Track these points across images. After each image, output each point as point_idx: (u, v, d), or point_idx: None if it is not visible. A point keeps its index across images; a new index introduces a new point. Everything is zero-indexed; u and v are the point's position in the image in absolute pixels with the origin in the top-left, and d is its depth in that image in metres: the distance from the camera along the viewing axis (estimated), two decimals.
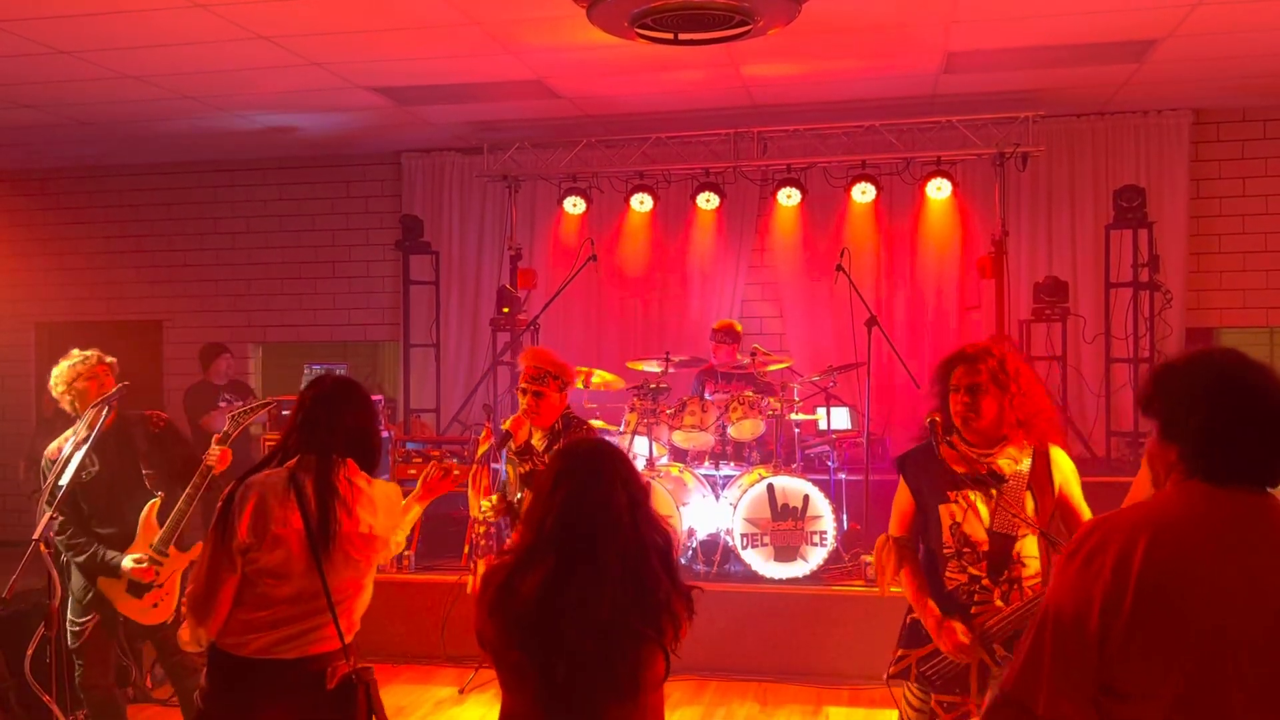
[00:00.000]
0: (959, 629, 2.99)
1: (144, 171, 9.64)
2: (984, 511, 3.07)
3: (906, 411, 7.55)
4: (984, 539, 3.06)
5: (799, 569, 6.14)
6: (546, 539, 2.27)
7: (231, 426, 4.05)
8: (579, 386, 6.62)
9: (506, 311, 8.17)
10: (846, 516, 6.57)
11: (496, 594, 2.28)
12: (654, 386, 6.72)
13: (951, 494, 3.12)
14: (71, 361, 4.25)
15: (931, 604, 3.08)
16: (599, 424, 6.85)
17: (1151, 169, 7.94)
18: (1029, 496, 3.07)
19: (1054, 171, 8.10)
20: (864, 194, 7.74)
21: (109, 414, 4.06)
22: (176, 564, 4.16)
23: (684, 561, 6.21)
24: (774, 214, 8.27)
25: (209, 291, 9.61)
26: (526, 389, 4.54)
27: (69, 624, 4.18)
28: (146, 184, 9.67)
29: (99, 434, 4.04)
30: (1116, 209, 7.61)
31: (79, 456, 4.03)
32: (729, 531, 6.28)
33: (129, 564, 4.06)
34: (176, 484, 4.12)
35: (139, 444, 4.26)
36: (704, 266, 8.57)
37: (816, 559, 6.13)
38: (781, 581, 6.12)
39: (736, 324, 7.32)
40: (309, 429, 2.93)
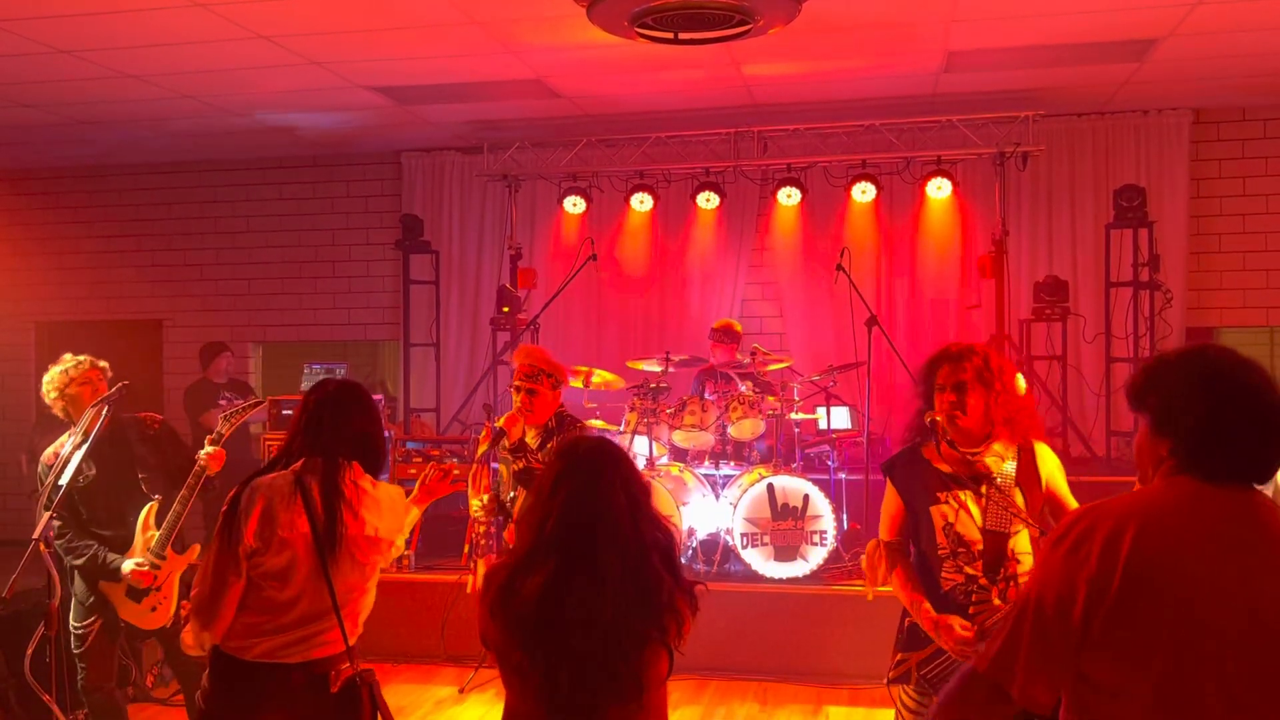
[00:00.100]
0: (957, 623, 2.98)
1: (144, 171, 9.63)
2: (975, 511, 3.08)
3: (907, 411, 7.53)
4: (978, 538, 3.06)
5: (799, 568, 6.15)
6: (547, 540, 2.27)
7: (224, 426, 4.03)
8: (579, 386, 6.62)
9: (506, 311, 8.17)
10: (846, 516, 6.57)
11: (498, 595, 2.28)
12: (654, 386, 6.71)
13: (942, 495, 3.12)
14: (64, 367, 4.23)
15: (926, 604, 3.07)
16: (599, 424, 6.85)
17: (1152, 168, 7.94)
18: (1018, 492, 3.08)
19: (1054, 171, 8.10)
20: (864, 193, 7.74)
21: (108, 413, 4.05)
22: (174, 566, 4.14)
23: (684, 561, 6.20)
24: (774, 213, 8.27)
25: (209, 291, 9.61)
26: (520, 386, 4.56)
27: (72, 628, 4.17)
28: (146, 183, 9.67)
29: (95, 438, 4.02)
30: (1117, 208, 7.61)
31: (78, 456, 4.02)
32: (729, 531, 6.28)
33: (129, 567, 4.05)
34: (174, 486, 4.11)
35: (135, 447, 4.24)
36: (704, 266, 8.56)
37: (816, 559, 6.13)
38: (781, 581, 6.13)
39: (735, 323, 7.32)
40: (313, 432, 2.92)
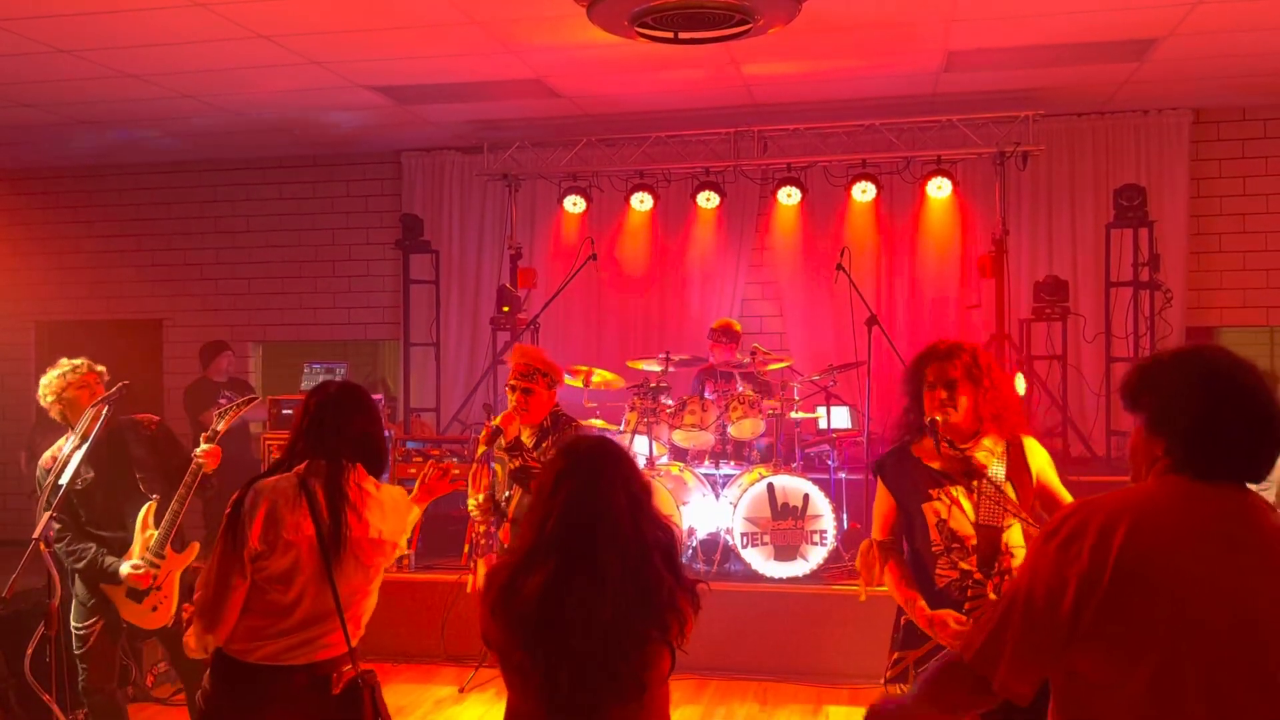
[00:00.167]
0: (952, 619, 2.98)
1: (144, 171, 9.63)
2: (968, 506, 3.09)
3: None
4: (971, 533, 3.07)
5: (799, 568, 6.15)
6: (548, 539, 2.27)
7: (218, 423, 4.03)
8: (579, 385, 6.62)
9: (506, 310, 8.16)
10: (846, 515, 6.57)
11: (500, 594, 2.28)
12: (654, 385, 6.71)
13: (934, 492, 3.14)
14: (60, 371, 4.22)
15: (921, 601, 3.07)
16: (599, 423, 6.86)
17: (1152, 168, 7.93)
18: (1008, 487, 3.10)
19: (1054, 170, 8.10)
20: (864, 193, 7.74)
21: (108, 412, 4.05)
22: (173, 565, 4.14)
23: (684, 561, 6.20)
24: (774, 213, 8.26)
25: (209, 290, 9.61)
26: (516, 386, 4.56)
27: (74, 629, 4.16)
28: (146, 183, 9.66)
29: (94, 440, 4.01)
30: (1117, 208, 7.60)
31: (79, 456, 4.02)
32: (729, 531, 6.28)
33: (127, 569, 4.04)
34: (172, 486, 4.09)
35: (132, 449, 4.23)
36: (704, 265, 8.56)
37: (817, 558, 6.13)
38: (782, 581, 6.13)
39: (735, 323, 7.31)
40: (315, 434, 2.92)
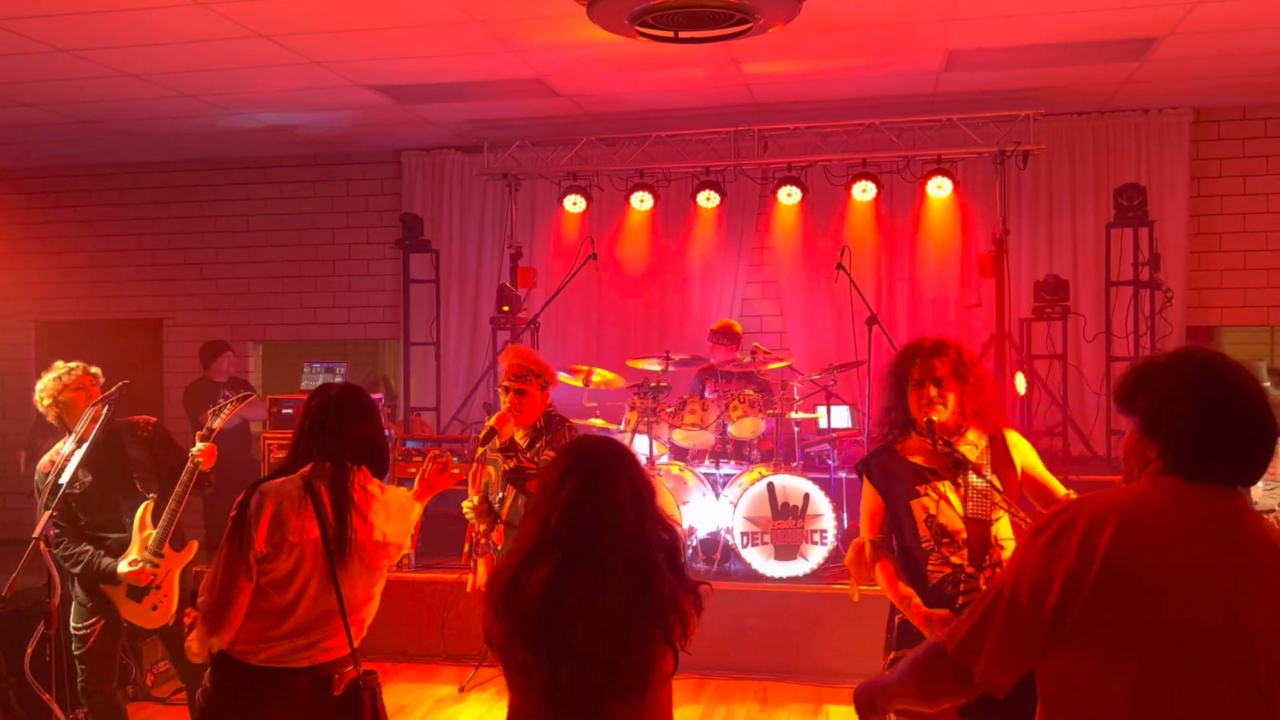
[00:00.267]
0: (947, 616, 2.97)
1: (144, 170, 9.62)
2: (956, 500, 3.10)
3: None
4: (961, 527, 3.08)
5: (799, 567, 6.15)
6: (551, 537, 2.26)
7: (214, 421, 4.04)
8: (579, 385, 6.62)
9: (506, 310, 8.16)
10: (847, 515, 6.55)
11: (502, 593, 2.27)
12: (654, 385, 6.71)
13: (921, 488, 3.14)
14: (56, 374, 4.22)
15: (916, 599, 3.05)
16: (599, 423, 6.85)
17: (1152, 167, 7.93)
18: (995, 480, 3.11)
19: (1054, 170, 8.09)
20: (864, 192, 7.73)
21: (108, 412, 4.05)
22: (173, 563, 4.15)
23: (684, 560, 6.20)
24: (774, 212, 8.26)
25: (209, 290, 9.60)
26: (509, 387, 4.55)
27: (73, 629, 4.16)
28: (146, 182, 9.66)
29: (92, 442, 4.01)
30: (1117, 207, 7.60)
31: (79, 456, 4.02)
32: (729, 530, 6.28)
33: (125, 569, 4.04)
34: (169, 487, 4.10)
35: (129, 451, 4.24)
36: (704, 265, 8.55)
37: (817, 558, 6.13)
38: (782, 580, 6.13)
39: (735, 324, 7.30)
40: (318, 436, 2.91)
